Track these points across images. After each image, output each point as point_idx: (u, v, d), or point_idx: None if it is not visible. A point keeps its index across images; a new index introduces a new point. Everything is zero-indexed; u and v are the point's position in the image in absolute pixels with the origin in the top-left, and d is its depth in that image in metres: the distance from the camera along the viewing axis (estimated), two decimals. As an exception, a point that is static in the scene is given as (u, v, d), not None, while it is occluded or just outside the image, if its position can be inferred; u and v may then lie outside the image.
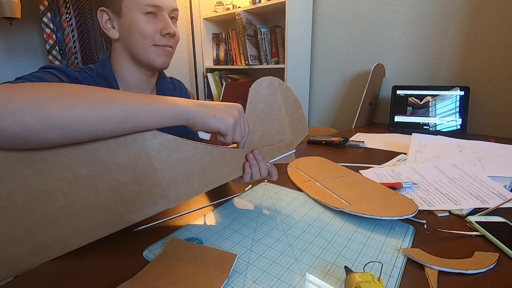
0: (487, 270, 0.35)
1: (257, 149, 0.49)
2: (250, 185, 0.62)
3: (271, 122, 0.53)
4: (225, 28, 2.08)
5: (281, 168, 0.72)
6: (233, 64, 1.92)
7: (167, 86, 0.74)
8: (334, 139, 0.95)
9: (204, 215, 0.51)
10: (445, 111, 1.13)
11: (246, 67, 1.79)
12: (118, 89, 0.63)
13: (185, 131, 0.71)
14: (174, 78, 0.83)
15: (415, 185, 0.58)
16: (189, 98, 0.78)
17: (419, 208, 0.49)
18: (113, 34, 0.61)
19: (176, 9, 0.63)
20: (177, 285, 0.33)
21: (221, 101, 1.79)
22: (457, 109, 1.11)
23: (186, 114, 0.40)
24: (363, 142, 0.94)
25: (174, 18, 0.63)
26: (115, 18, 0.60)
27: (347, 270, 0.32)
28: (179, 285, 0.32)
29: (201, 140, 0.80)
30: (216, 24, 2.08)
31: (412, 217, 0.45)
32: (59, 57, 1.46)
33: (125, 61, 0.63)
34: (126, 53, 0.62)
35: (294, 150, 0.56)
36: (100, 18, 0.61)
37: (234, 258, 0.36)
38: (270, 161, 0.52)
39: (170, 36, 0.61)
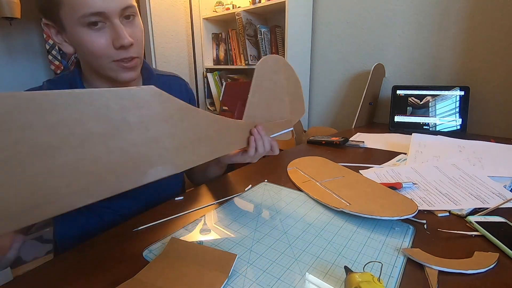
0: (487, 270, 0.35)
1: (261, 124, 0.50)
2: (250, 185, 0.62)
3: (274, 99, 0.55)
4: (225, 28, 2.08)
5: (281, 168, 0.72)
6: (233, 64, 1.93)
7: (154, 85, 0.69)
8: (334, 139, 0.95)
9: (204, 215, 0.51)
10: (445, 111, 1.13)
11: (246, 67, 1.79)
12: None
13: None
14: (178, 77, 0.74)
15: (415, 185, 0.58)
16: (193, 102, 0.76)
17: (419, 208, 0.49)
18: (67, 48, 0.52)
19: (130, 6, 0.50)
20: (177, 285, 0.33)
21: (221, 101, 1.79)
22: (457, 109, 1.11)
23: None
24: (363, 142, 0.94)
25: (131, 17, 0.51)
26: (61, 31, 0.50)
27: (347, 270, 0.32)
28: (179, 285, 0.32)
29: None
30: (216, 24, 2.08)
31: (412, 217, 0.45)
32: (59, 57, 1.46)
33: (91, 74, 0.56)
34: (88, 65, 0.55)
35: (292, 128, 0.59)
36: (48, 32, 0.52)
37: (234, 258, 0.36)
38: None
39: (125, 48, 0.49)
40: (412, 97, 1.20)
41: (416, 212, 0.44)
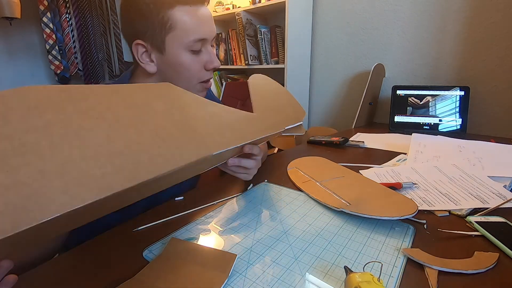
0: (487, 270, 0.35)
1: (256, 146, 0.53)
2: (251, 184, 0.62)
3: (275, 108, 0.58)
4: (225, 28, 2.08)
5: (281, 168, 0.72)
6: (233, 64, 1.93)
7: None
8: (334, 139, 0.95)
9: (204, 215, 0.51)
10: (445, 111, 1.13)
11: (246, 67, 1.79)
12: None
13: None
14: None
15: (415, 185, 0.58)
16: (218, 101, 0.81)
17: (419, 208, 0.49)
18: (151, 68, 0.56)
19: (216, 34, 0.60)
20: (177, 285, 0.33)
21: (221, 101, 1.79)
22: (457, 109, 1.11)
23: None
24: (363, 142, 0.94)
25: (213, 45, 0.62)
26: (154, 52, 0.55)
27: (347, 270, 0.32)
28: (179, 285, 0.32)
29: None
30: (216, 24, 2.07)
31: (412, 217, 0.45)
32: (59, 57, 1.46)
33: None
34: None
35: (301, 122, 0.62)
36: (135, 51, 0.56)
37: (234, 258, 0.36)
38: (282, 131, 0.56)
39: (215, 70, 0.59)
40: (412, 97, 1.20)
41: (416, 212, 0.44)
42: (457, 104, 1.11)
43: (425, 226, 0.45)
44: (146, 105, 0.35)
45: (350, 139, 0.98)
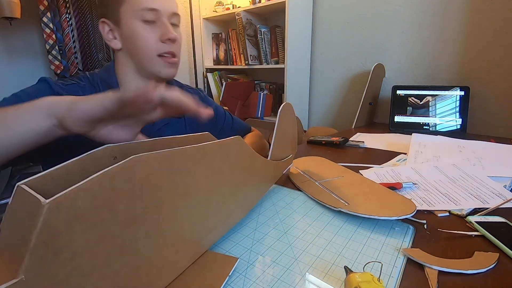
0: (487, 270, 0.35)
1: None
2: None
3: (286, 140, 0.60)
4: (225, 28, 2.08)
5: (281, 168, 0.72)
6: (233, 64, 1.92)
7: None
8: (334, 139, 0.95)
9: (204, 215, 0.51)
10: (445, 111, 1.13)
11: (246, 67, 1.79)
12: None
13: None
14: (189, 87, 0.79)
15: (415, 185, 0.58)
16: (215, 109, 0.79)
17: (419, 208, 0.49)
18: (115, 44, 0.60)
19: (177, 14, 0.60)
20: (177, 285, 0.32)
21: (221, 101, 1.79)
22: (457, 109, 1.11)
23: (49, 107, 0.34)
24: (363, 142, 0.94)
25: (175, 25, 0.61)
26: (115, 28, 0.59)
27: (347, 270, 0.32)
28: (179, 285, 0.32)
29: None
30: (216, 24, 2.08)
31: (411, 217, 0.45)
32: (59, 57, 1.46)
33: (129, 71, 0.61)
34: (129, 63, 0.61)
35: (292, 164, 0.66)
36: (102, 30, 0.60)
37: (235, 262, 0.36)
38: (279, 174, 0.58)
39: (171, 42, 0.58)
40: (412, 97, 1.20)
41: (414, 212, 0.44)
42: (457, 104, 1.11)
43: (425, 226, 0.45)
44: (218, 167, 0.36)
45: (350, 139, 0.98)
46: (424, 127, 1.16)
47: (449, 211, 0.49)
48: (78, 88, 0.57)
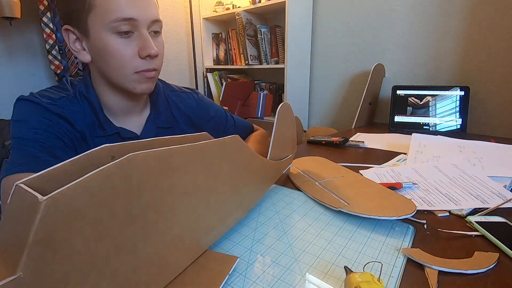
0: (487, 270, 0.35)
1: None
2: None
3: (285, 140, 0.60)
4: (225, 28, 2.08)
5: (281, 168, 0.72)
6: (233, 64, 1.92)
7: (162, 103, 0.63)
8: (334, 139, 0.95)
9: (204, 215, 0.51)
10: (445, 111, 1.13)
11: (246, 67, 1.79)
12: (102, 113, 0.55)
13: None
14: (183, 89, 0.72)
15: (415, 185, 0.58)
16: (206, 110, 0.73)
17: (419, 208, 0.49)
18: (84, 57, 0.51)
19: (158, 21, 0.51)
20: (176, 284, 0.32)
21: (221, 101, 1.79)
22: (457, 109, 1.11)
23: None
24: (363, 142, 0.94)
25: (156, 33, 0.52)
26: (83, 38, 0.49)
27: (347, 270, 0.32)
28: (178, 284, 0.32)
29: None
30: (216, 24, 2.08)
31: (411, 217, 0.45)
32: (59, 57, 1.46)
33: (103, 86, 0.54)
34: (102, 77, 0.53)
35: (291, 164, 0.66)
36: (66, 38, 0.50)
37: (234, 261, 0.36)
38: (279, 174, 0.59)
39: (151, 58, 0.50)
40: (412, 97, 1.20)
41: (414, 212, 0.44)
42: (457, 104, 1.11)
43: (425, 226, 0.45)
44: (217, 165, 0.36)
45: (350, 139, 0.98)
46: (424, 127, 1.16)
47: (449, 211, 0.49)
48: (67, 101, 0.52)
